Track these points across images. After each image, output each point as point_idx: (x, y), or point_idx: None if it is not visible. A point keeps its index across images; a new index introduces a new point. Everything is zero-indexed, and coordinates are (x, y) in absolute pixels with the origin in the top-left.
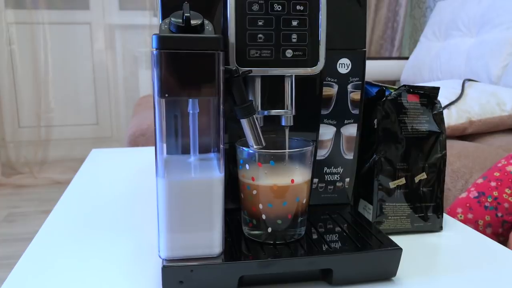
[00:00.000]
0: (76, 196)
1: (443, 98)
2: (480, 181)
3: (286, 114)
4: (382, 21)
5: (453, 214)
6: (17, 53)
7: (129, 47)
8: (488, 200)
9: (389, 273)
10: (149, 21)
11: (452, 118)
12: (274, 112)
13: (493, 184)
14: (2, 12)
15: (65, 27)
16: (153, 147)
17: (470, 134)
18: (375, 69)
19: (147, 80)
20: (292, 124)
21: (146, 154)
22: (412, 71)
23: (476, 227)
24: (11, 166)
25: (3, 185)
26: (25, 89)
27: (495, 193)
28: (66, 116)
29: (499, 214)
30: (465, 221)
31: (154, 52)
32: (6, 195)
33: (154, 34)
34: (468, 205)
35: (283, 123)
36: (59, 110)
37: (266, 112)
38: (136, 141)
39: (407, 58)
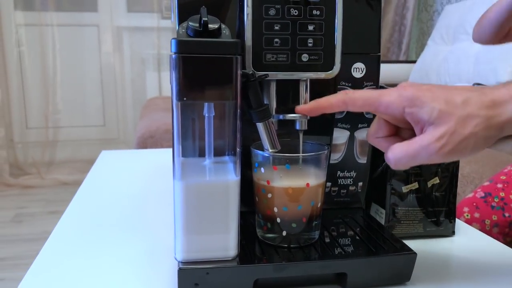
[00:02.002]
0: (88, 197)
1: None
2: (486, 183)
3: (301, 119)
4: (389, 25)
5: (459, 214)
6: (26, 54)
7: (137, 49)
8: (495, 200)
9: (403, 278)
10: (156, 24)
11: None
12: (289, 116)
13: (499, 186)
14: (11, 14)
15: (73, 29)
16: (162, 149)
17: None
18: (382, 73)
19: (154, 82)
20: (306, 128)
21: (155, 156)
22: (419, 74)
23: (482, 226)
24: (18, 167)
25: (11, 185)
26: (33, 90)
27: (502, 194)
28: (74, 118)
29: (506, 214)
30: (471, 220)
31: (173, 56)
32: (14, 196)
33: (173, 38)
34: (474, 204)
35: (298, 127)
36: (66, 112)
37: (281, 116)
38: (144, 143)
39: (414, 62)
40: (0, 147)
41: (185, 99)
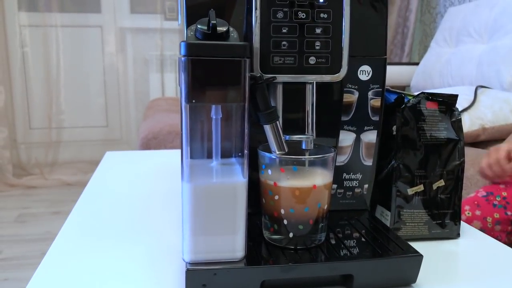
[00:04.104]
0: (94, 198)
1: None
2: (488, 183)
3: (308, 139)
4: (392, 27)
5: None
6: (30, 55)
7: (140, 50)
8: (497, 199)
9: (409, 280)
10: (160, 25)
11: (465, 125)
12: (295, 137)
13: (502, 185)
14: (15, 14)
15: (77, 30)
16: (166, 150)
17: (483, 141)
18: None
19: (157, 83)
20: (312, 148)
21: (159, 157)
22: (422, 76)
23: (484, 224)
24: (22, 167)
25: (14, 186)
26: (36, 91)
27: (504, 193)
28: (77, 118)
29: (509, 213)
30: (472, 218)
31: (182, 58)
32: (17, 196)
33: (182, 41)
34: (476, 202)
35: (304, 147)
36: (69, 112)
37: (287, 137)
38: (148, 144)
39: (417, 64)
40: (3, 148)
41: (194, 101)
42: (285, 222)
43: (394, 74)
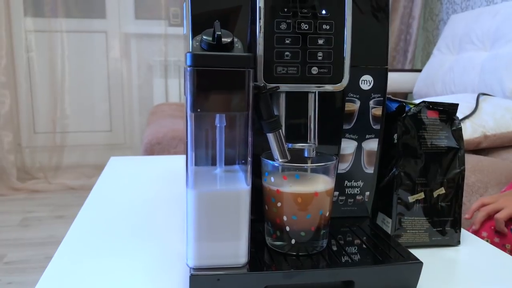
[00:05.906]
0: (98, 203)
1: (457, 112)
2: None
3: (310, 147)
4: (395, 33)
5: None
6: (35, 60)
7: (144, 56)
8: None
9: (409, 286)
10: (164, 31)
11: (466, 132)
12: (298, 145)
13: None
14: (21, 20)
15: (82, 35)
16: (170, 156)
17: (485, 148)
18: (388, 82)
19: (161, 88)
20: (314, 155)
21: (163, 163)
22: (425, 83)
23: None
24: (26, 171)
25: (18, 190)
26: (41, 95)
27: None
28: (81, 123)
29: None
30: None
31: (188, 69)
32: (21, 200)
33: (188, 52)
34: (492, 228)
35: (306, 155)
36: (74, 117)
37: (290, 145)
38: (152, 149)
39: (419, 71)
40: (8, 152)
41: (199, 110)
42: (288, 228)
43: (397, 81)
